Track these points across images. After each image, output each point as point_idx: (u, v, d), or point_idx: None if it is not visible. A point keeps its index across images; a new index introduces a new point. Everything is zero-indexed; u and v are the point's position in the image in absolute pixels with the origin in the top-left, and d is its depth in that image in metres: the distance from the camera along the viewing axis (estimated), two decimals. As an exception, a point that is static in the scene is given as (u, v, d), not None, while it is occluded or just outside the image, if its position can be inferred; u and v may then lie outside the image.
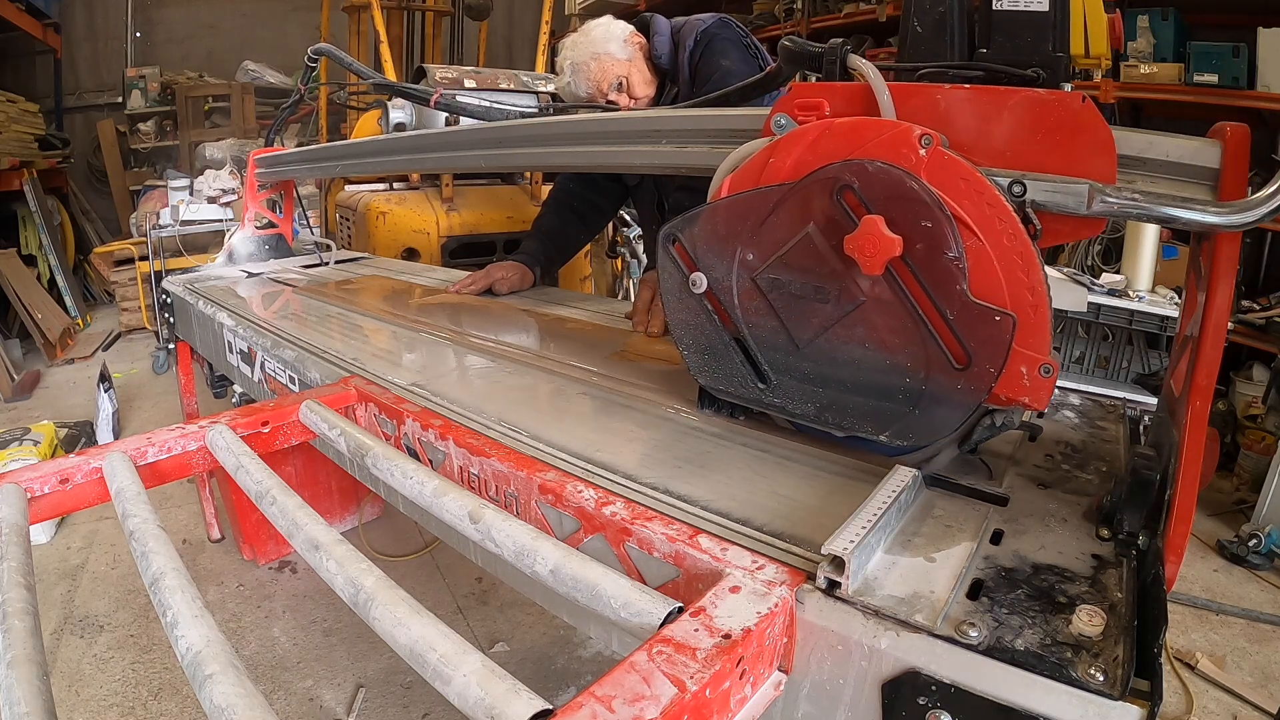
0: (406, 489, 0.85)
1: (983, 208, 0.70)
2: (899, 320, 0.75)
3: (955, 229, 0.70)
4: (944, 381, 0.74)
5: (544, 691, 0.50)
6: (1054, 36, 0.78)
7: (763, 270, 0.82)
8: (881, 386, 0.78)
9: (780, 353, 0.84)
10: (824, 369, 0.81)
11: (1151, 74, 3.31)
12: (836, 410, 0.82)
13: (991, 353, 0.71)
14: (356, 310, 1.73)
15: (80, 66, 7.05)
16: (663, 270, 0.91)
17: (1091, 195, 0.70)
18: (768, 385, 0.87)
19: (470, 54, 6.34)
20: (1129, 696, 0.50)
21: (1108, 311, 3.03)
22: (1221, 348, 0.67)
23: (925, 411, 0.76)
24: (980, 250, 0.71)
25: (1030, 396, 0.72)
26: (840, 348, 0.79)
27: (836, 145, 0.76)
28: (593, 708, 0.48)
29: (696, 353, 0.92)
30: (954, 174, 0.71)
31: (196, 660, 0.56)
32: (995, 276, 0.71)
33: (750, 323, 0.85)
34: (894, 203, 0.72)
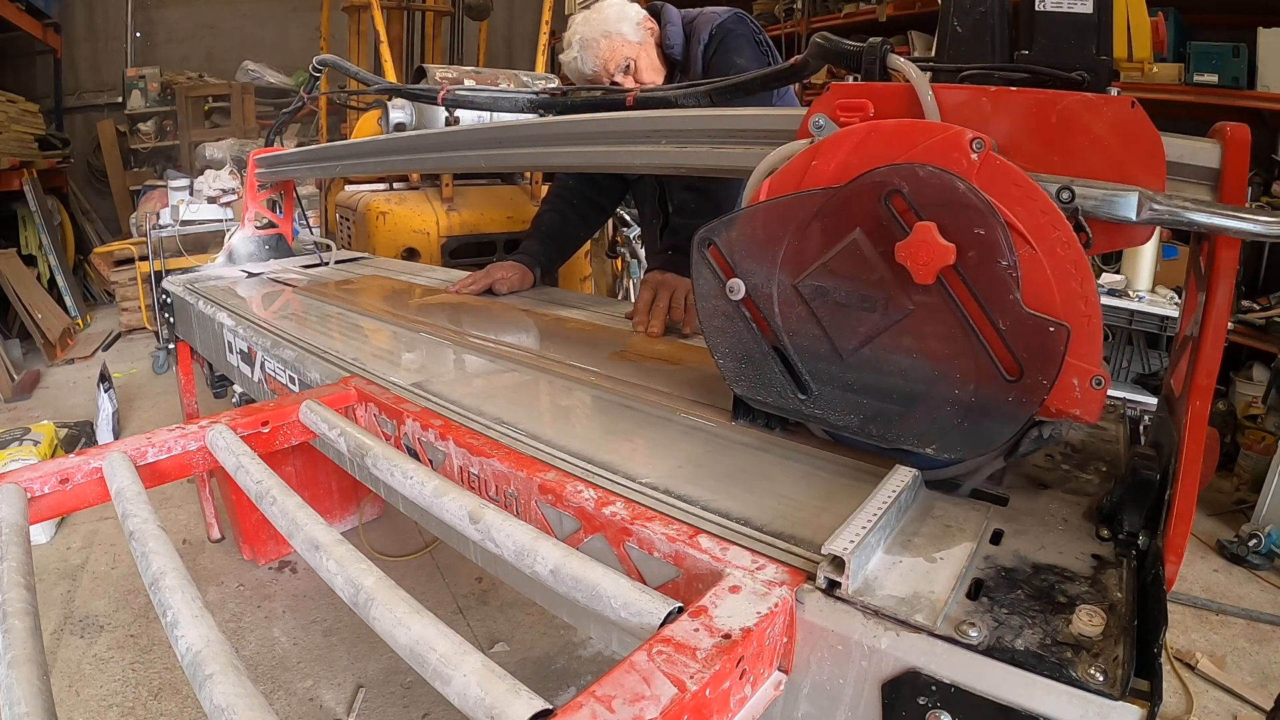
0: (406, 489, 0.85)
1: (1036, 215, 0.68)
2: (949, 330, 0.72)
3: (1009, 237, 0.68)
4: (994, 393, 0.71)
5: (544, 691, 0.50)
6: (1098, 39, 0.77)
7: (805, 277, 0.79)
8: (929, 398, 0.75)
9: (823, 362, 0.81)
10: (869, 379, 0.78)
11: (1151, 74, 3.31)
12: (881, 422, 0.79)
13: (1044, 364, 0.68)
14: (356, 310, 1.73)
15: (80, 66, 7.05)
16: (698, 275, 0.88)
17: (1142, 203, 0.68)
18: (809, 396, 0.84)
19: (470, 54, 6.35)
20: (1129, 696, 0.50)
21: (1108, 311, 3.03)
22: (1221, 348, 0.67)
23: (974, 424, 0.73)
24: (1034, 259, 0.68)
25: (1081, 409, 0.70)
26: (886, 358, 0.76)
27: (884, 148, 0.73)
28: (593, 708, 0.48)
29: (733, 361, 0.89)
30: (1007, 180, 0.69)
31: (196, 660, 0.56)
32: (1049, 286, 0.68)
33: (791, 331, 0.82)
34: (946, 209, 0.69)
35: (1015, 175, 0.69)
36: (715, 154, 1.02)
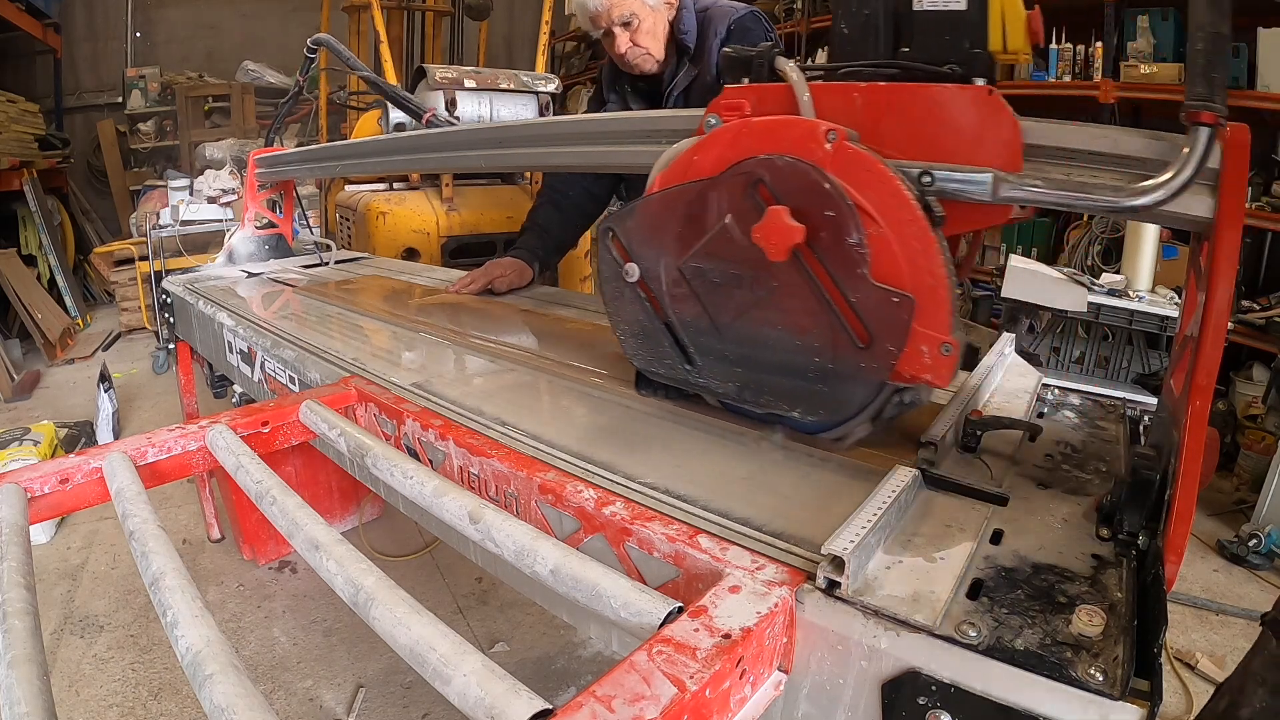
0: (406, 489, 0.85)
1: (885, 197, 0.74)
2: (807, 303, 0.80)
3: (857, 217, 0.74)
4: (849, 360, 0.79)
5: (544, 691, 0.50)
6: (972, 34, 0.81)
7: (687, 260, 0.88)
8: (793, 366, 0.83)
9: (704, 336, 0.90)
10: (742, 350, 0.87)
11: (1151, 74, 3.32)
12: (754, 389, 0.89)
13: (892, 333, 0.75)
14: (356, 310, 1.73)
15: (80, 66, 7.05)
16: (601, 261, 0.97)
17: (997, 183, 0.73)
18: (694, 367, 0.93)
19: (470, 54, 6.35)
20: (1129, 696, 0.50)
21: (1108, 311, 3.03)
22: (1221, 348, 0.67)
23: (833, 389, 0.82)
24: (882, 237, 0.74)
25: (932, 374, 0.75)
26: (756, 330, 0.85)
27: (753, 142, 0.81)
28: (593, 708, 0.48)
29: (632, 337, 0.98)
30: (858, 166, 0.75)
31: (196, 660, 0.56)
32: (896, 261, 0.74)
33: (677, 309, 0.91)
34: (801, 194, 0.77)
35: (866, 161, 0.75)
36: None
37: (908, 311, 0.74)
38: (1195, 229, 0.70)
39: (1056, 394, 1.09)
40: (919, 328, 0.74)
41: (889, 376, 0.78)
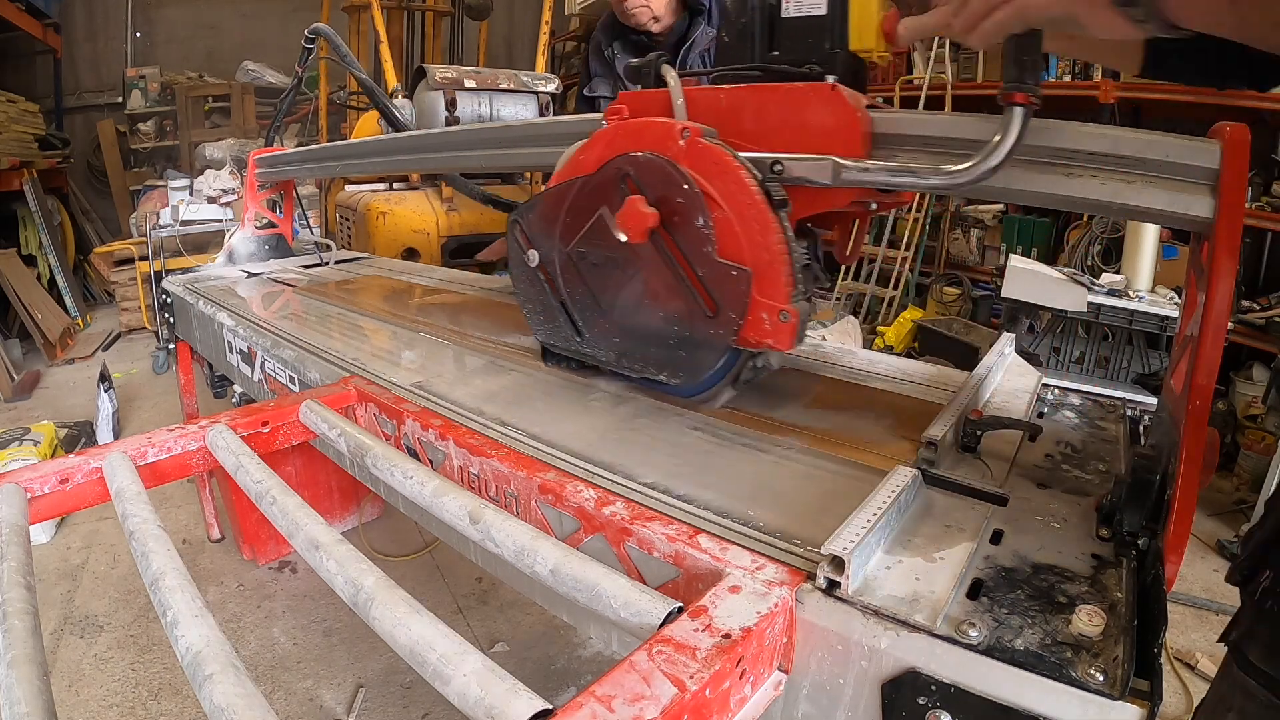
0: (406, 489, 0.85)
1: (729, 185, 0.84)
2: (665, 279, 0.91)
3: (704, 203, 0.85)
4: (702, 328, 0.90)
5: (544, 691, 0.50)
6: (831, 36, 0.90)
7: (573, 246, 1.00)
8: (658, 334, 0.95)
9: (588, 311, 1.03)
10: (619, 323, 0.99)
11: (1149, 74, 3.31)
12: (629, 356, 1.01)
13: (735, 302, 0.86)
14: (356, 310, 1.73)
15: (80, 66, 7.05)
16: (510, 248, 1.09)
17: (836, 169, 0.82)
18: (583, 339, 1.05)
19: (470, 54, 6.35)
20: (1129, 696, 0.50)
21: (1108, 311, 3.03)
22: (1221, 348, 0.67)
23: (691, 354, 0.93)
24: (725, 219, 0.85)
25: (773, 339, 0.85)
26: (628, 304, 0.97)
27: (624, 142, 0.93)
28: (593, 708, 0.48)
29: (534, 315, 1.11)
30: (707, 159, 0.86)
31: (196, 660, 0.56)
32: (738, 240, 0.84)
33: (568, 288, 1.04)
34: (658, 185, 0.88)
35: (714, 154, 0.86)
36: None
37: (747, 283, 0.84)
38: (1195, 229, 0.70)
39: (1056, 394, 1.09)
40: (759, 297, 0.84)
41: (736, 342, 0.88)
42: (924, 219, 4.63)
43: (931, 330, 4.07)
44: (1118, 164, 0.70)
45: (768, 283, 0.84)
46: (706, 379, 0.96)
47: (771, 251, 0.83)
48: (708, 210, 0.85)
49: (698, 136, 0.87)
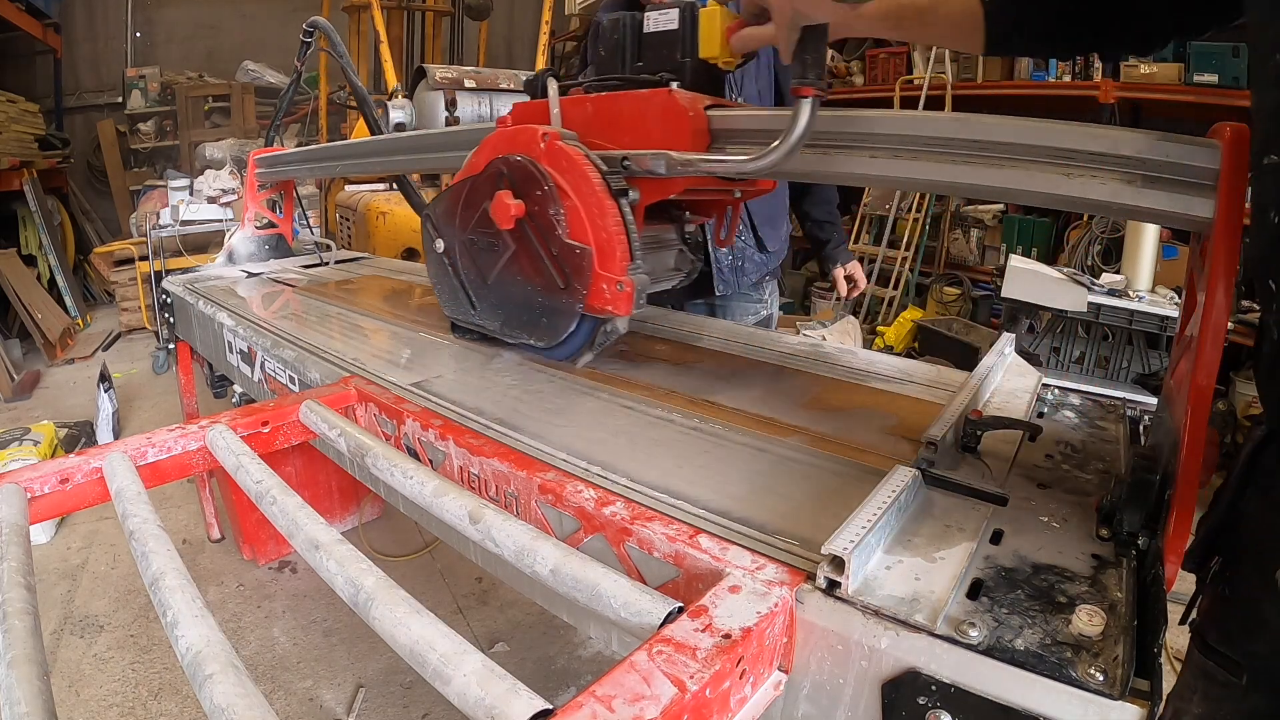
0: (406, 489, 0.85)
1: (577, 179, 1.02)
2: (529, 259, 1.10)
3: (557, 195, 1.03)
4: (556, 299, 1.09)
5: (544, 691, 0.50)
6: (682, 47, 1.06)
7: (465, 234, 1.19)
8: (526, 304, 1.15)
9: (478, 288, 1.23)
10: (499, 296, 1.20)
11: (1151, 74, 3.32)
12: (508, 324, 1.22)
13: (580, 276, 1.04)
14: (356, 310, 1.73)
15: (80, 66, 7.05)
16: (424, 238, 1.28)
17: (670, 162, 0.97)
18: (476, 311, 1.25)
19: (470, 54, 6.35)
20: (1129, 696, 0.50)
21: (1108, 311, 3.03)
22: (1221, 348, 0.67)
23: (550, 321, 1.13)
24: (574, 207, 1.02)
25: (613, 305, 1.03)
26: (504, 281, 1.17)
27: (504, 146, 1.12)
28: (593, 707, 0.48)
29: (443, 294, 1.31)
30: (561, 158, 1.04)
31: (196, 660, 0.56)
32: (583, 224, 1.02)
33: (463, 268, 1.24)
34: (524, 181, 1.07)
35: (567, 154, 1.03)
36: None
37: (589, 260, 1.02)
38: (1195, 229, 0.70)
39: (1056, 394, 1.09)
40: (600, 271, 1.02)
41: (584, 309, 1.06)
42: (924, 219, 4.63)
43: (931, 330, 4.07)
44: (1117, 164, 0.70)
45: (607, 259, 1.01)
46: (566, 341, 1.15)
47: (610, 232, 1.00)
48: (560, 200, 1.03)
49: (555, 140, 1.05)
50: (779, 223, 1.99)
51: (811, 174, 0.93)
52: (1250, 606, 0.54)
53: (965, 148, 0.79)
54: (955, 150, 0.80)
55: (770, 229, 1.94)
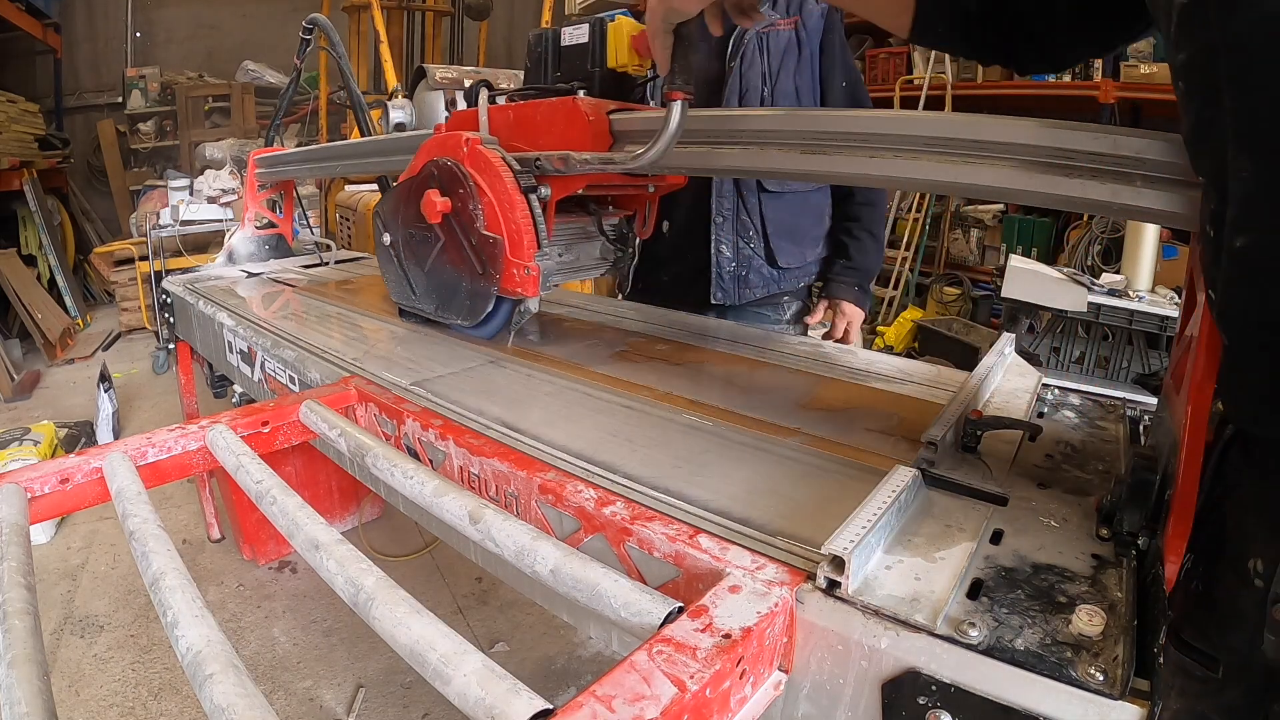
0: (406, 489, 0.85)
1: (492, 178, 1.16)
2: (455, 249, 1.25)
3: (476, 192, 1.18)
4: (477, 283, 1.24)
5: (544, 691, 0.50)
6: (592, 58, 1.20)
7: (406, 228, 1.35)
8: (454, 289, 1.30)
9: (418, 275, 1.38)
10: (434, 281, 1.35)
11: (1151, 74, 3.32)
12: (442, 306, 1.35)
13: (494, 263, 1.19)
14: (356, 310, 1.73)
15: (80, 66, 7.05)
16: (374, 232, 1.43)
17: (570, 161, 1.09)
18: (416, 295, 1.40)
19: (470, 54, 6.35)
20: (1129, 696, 0.50)
21: (1108, 311, 3.03)
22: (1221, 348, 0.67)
23: (472, 302, 1.28)
24: (490, 203, 1.17)
25: (522, 288, 1.18)
26: (438, 268, 1.32)
27: (436, 150, 1.26)
28: (593, 707, 0.48)
29: (391, 282, 1.46)
30: (481, 160, 1.18)
31: (196, 660, 0.56)
32: (497, 218, 1.17)
33: (406, 259, 1.39)
34: (449, 181, 1.21)
35: (485, 156, 1.17)
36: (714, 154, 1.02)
37: (501, 248, 1.17)
38: (1195, 229, 0.70)
39: (1056, 394, 1.09)
40: (510, 258, 1.17)
41: (499, 292, 1.21)
42: (924, 219, 4.64)
43: (931, 330, 4.07)
44: (1117, 164, 0.70)
45: (516, 247, 1.16)
46: (486, 320, 1.30)
47: (518, 224, 1.15)
48: (479, 197, 1.18)
49: (476, 144, 1.18)
50: (802, 238, 1.77)
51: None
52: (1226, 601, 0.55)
53: (965, 148, 0.79)
54: (955, 150, 0.80)
55: (788, 243, 1.73)
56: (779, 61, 1.67)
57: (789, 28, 1.69)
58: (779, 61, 1.67)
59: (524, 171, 1.15)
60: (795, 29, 1.69)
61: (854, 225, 1.81)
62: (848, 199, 1.80)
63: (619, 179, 1.20)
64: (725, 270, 1.74)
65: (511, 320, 1.29)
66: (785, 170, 0.94)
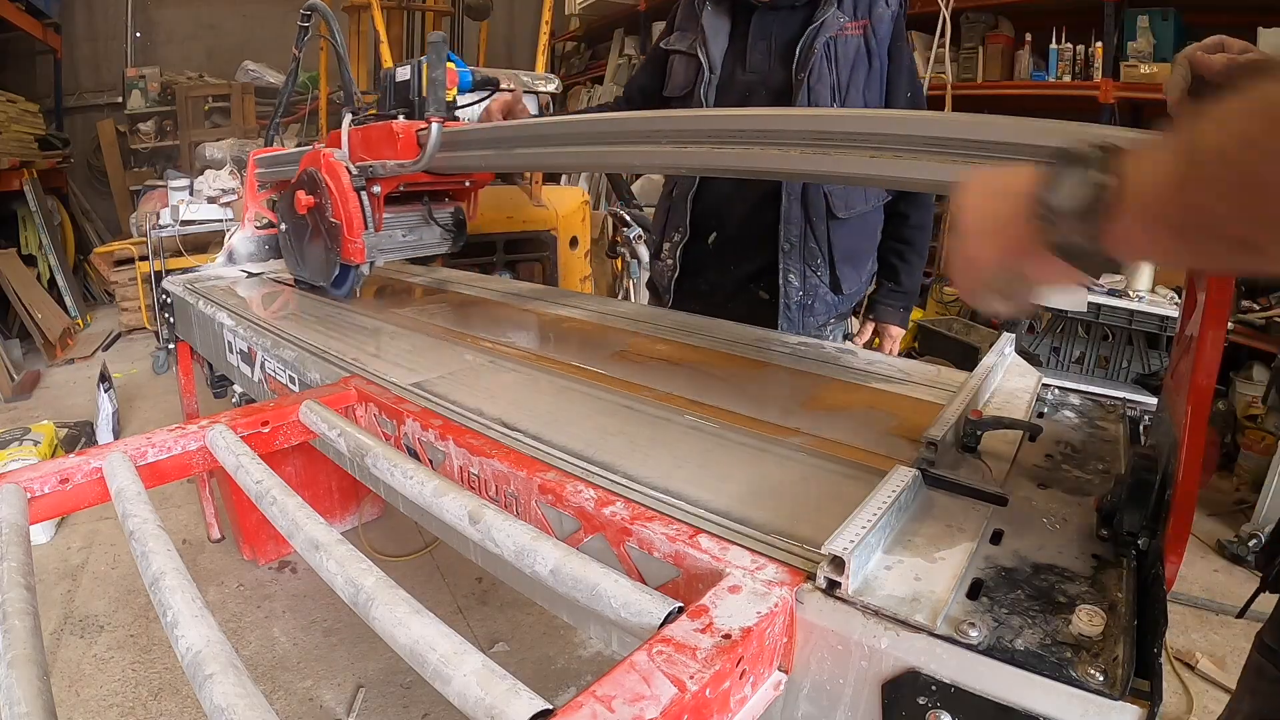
0: (406, 489, 0.85)
1: (336, 180, 1.62)
2: (317, 232, 1.73)
3: (327, 193, 1.64)
4: (330, 254, 1.71)
5: (544, 691, 0.50)
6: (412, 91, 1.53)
7: (292, 219, 1.82)
8: (318, 261, 1.78)
9: (300, 253, 1.84)
10: (308, 256, 1.81)
11: (1151, 74, 3.32)
12: (313, 275, 1.82)
13: (336, 240, 1.66)
14: (356, 310, 1.73)
15: (80, 66, 7.05)
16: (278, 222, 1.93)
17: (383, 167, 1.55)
18: (301, 268, 1.87)
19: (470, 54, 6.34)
20: (1129, 696, 0.50)
21: (1108, 311, 3.03)
22: (1221, 348, 0.67)
23: (327, 270, 1.75)
24: (335, 198, 1.63)
25: (356, 258, 1.65)
26: (309, 247, 1.79)
27: (307, 161, 1.71)
28: (593, 707, 0.48)
29: (287, 259, 1.96)
30: (331, 168, 1.63)
31: (196, 660, 0.56)
32: (339, 209, 1.63)
33: (293, 242, 1.86)
34: (311, 183, 1.69)
35: (334, 165, 1.62)
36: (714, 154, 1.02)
37: (339, 230, 1.64)
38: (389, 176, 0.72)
39: (1056, 394, 1.09)
40: (348, 236, 1.63)
41: (341, 259, 1.67)
42: (924, 219, 4.63)
43: (931, 330, 4.07)
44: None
45: (351, 228, 1.62)
46: (338, 281, 1.76)
47: (350, 212, 1.61)
48: (328, 194, 1.64)
49: (329, 157, 1.63)
50: (862, 261, 1.70)
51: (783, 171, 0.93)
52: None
53: (965, 148, 0.79)
54: (955, 150, 0.80)
55: (851, 268, 1.66)
56: (848, 74, 1.54)
57: (858, 33, 1.54)
58: (848, 74, 1.54)
59: (358, 175, 1.60)
60: (864, 34, 1.55)
61: (906, 249, 1.74)
62: (902, 220, 1.72)
63: (424, 178, 1.61)
64: (793, 300, 1.66)
65: (352, 280, 1.77)
66: (786, 170, 0.94)
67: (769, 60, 1.59)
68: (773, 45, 1.59)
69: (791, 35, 1.56)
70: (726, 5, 1.63)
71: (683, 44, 1.68)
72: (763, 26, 1.60)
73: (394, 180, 1.59)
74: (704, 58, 1.61)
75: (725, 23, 1.63)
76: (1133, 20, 3.42)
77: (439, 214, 1.80)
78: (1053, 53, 3.80)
